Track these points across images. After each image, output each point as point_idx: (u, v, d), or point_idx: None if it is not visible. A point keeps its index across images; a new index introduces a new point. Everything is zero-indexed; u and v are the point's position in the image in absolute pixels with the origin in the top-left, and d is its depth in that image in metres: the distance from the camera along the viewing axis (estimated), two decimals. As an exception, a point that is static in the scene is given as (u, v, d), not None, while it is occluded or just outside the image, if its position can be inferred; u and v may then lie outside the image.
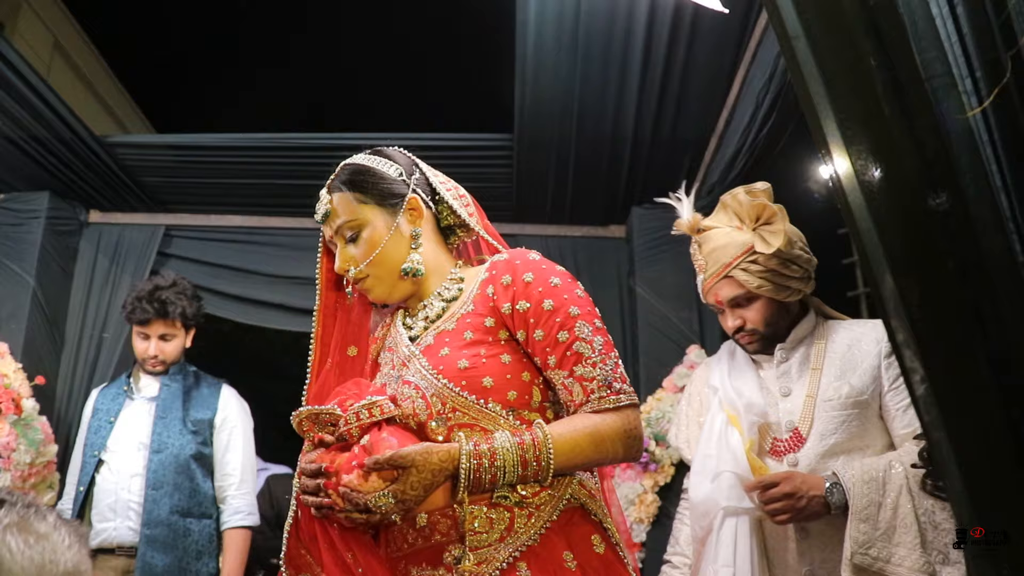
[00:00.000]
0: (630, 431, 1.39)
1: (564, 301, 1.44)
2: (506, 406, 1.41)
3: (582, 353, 1.40)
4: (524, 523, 1.33)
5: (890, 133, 0.77)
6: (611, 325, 3.82)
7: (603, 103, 3.16)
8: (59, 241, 3.84)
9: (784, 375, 2.02)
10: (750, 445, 1.93)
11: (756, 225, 1.95)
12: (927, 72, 0.77)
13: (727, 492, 1.91)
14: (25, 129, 3.33)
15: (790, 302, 2.02)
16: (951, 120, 0.76)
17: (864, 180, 0.77)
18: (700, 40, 2.84)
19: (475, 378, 1.40)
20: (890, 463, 1.81)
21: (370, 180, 1.56)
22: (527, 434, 1.35)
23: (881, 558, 1.74)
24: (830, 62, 0.79)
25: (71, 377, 3.77)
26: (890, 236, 0.75)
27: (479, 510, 1.34)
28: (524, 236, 4.06)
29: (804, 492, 1.80)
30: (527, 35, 2.86)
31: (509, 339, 1.46)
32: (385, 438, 1.35)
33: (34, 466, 3.34)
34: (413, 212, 1.57)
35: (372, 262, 1.53)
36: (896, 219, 0.76)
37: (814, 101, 0.80)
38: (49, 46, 7.41)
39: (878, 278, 0.75)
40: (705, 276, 2.05)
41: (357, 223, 1.54)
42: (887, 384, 1.92)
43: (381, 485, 1.30)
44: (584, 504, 1.40)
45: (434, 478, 1.31)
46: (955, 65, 0.77)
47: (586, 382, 1.40)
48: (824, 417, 1.91)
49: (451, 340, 1.46)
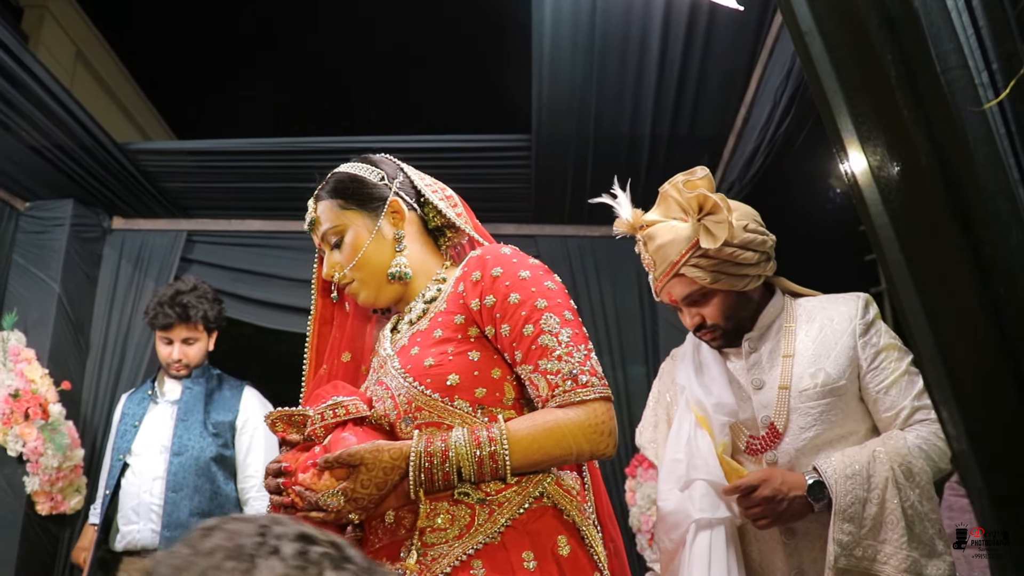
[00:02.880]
0: (596, 425, 1.34)
1: (531, 294, 1.40)
2: (474, 404, 1.38)
3: (547, 346, 1.36)
4: (484, 520, 1.31)
5: (905, 128, 0.76)
6: (631, 325, 3.88)
7: (620, 102, 3.15)
8: (83, 248, 3.88)
9: (755, 366, 1.87)
10: (722, 448, 1.80)
11: (700, 216, 1.77)
12: (942, 65, 0.76)
13: (699, 502, 1.77)
14: (49, 138, 3.37)
15: (750, 289, 1.86)
16: (967, 113, 0.75)
17: (880, 176, 0.76)
18: (717, 38, 2.82)
19: (440, 376, 1.38)
20: (874, 453, 1.68)
21: (351, 186, 1.58)
22: (484, 431, 1.32)
23: (867, 557, 1.62)
24: (843, 57, 0.79)
25: (96, 382, 3.81)
26: (907, 233, 0.74)
27: (441, 506, 1.32)
28: (543, 236, 4.07)
29: (784, 493, 1.68)
30: (543, 35, 2.86)
31: (479, 336, 1.43)
32: (344, 437, 1.35)
33: (61, 470, 3.38)
34: (395, 215, 1.57)
35: (355, 266, 1.54)
36: (913, 215, 0.75)
37: (828, 97, 0.79)
38: (72, 56, 7.50)
39: (895, 275, 0.74)
40: (655, 275, 1.89)
41: (339, 228, 1.56)
42: (865, 364, 1.77)
43: (333, 484, 1.30)
44: (557, 503, 1.35)
45: (386, 476, 1.30)
46: (971, 58, 0.76)
47: (551, 376, 1.36)
48: (801, 409, 1.76)
49: (422, 340, 1.45)
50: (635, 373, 3.82)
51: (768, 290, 1.93)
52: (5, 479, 3.40)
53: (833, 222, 3.39)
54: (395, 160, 1.67)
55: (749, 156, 3.07)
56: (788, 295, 1.94)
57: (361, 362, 1.66)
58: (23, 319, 3.63)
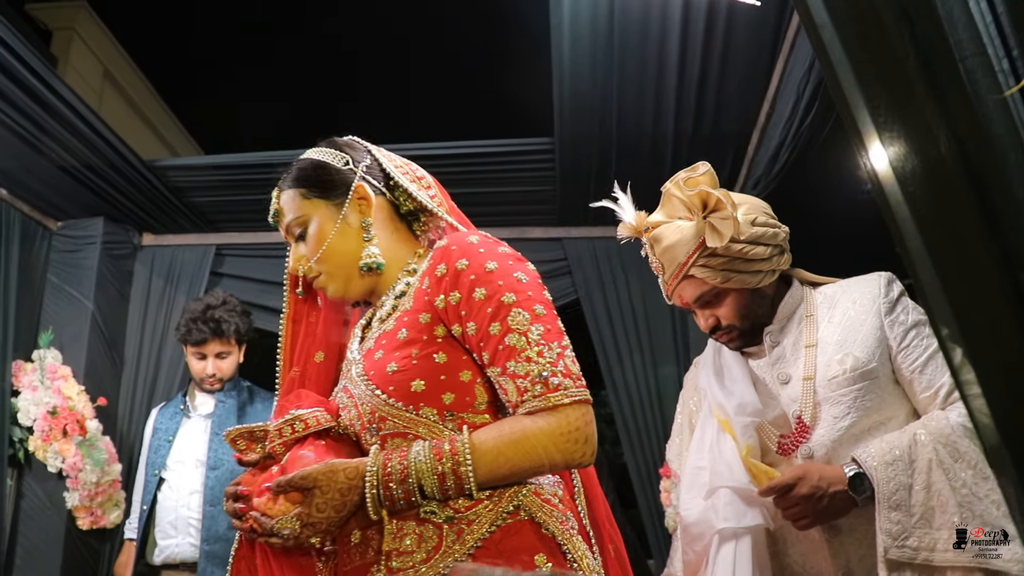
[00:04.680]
0: (569, 433, 1.20)
1: (498, 288, 1.27)
2: (442, 411, 1.27)
3: (514, 346, 1.23)
4: (453, 542, 1.19)
5: (924, 118, 0.74)
6: (661, 325, 3.86)
7: (642, 101, 3.13)
8: (115, 265, 3.93)
9: (779, 360, 1.77)
10: (747, 451, 1.68)
11: (705, 214, 1.70)
12: (960, 53, 0.74)
13: (723, 511, 1.66)
14: (79, 158, 3.42)
15: (765, 285, 1.77)
16: (988, 101, 0.73)
17: (899, 168, 0.74)
18: (736, 33, 2.80)
19: (403, 383, 1.27)
20: (915, 436, 1.56)
21: (314, 173, 1.46)
22: (447, 444, 1.21)
23: (924, 547, 1.50)
24: (858, 48, 0.77)
25: (131, 397, 3.86)
26: (929, 224, 0.73)
27: (408, 526, 1.22)
28: (570, 239, 4.06)
29: (824, 489, 1.56)
30: (562, 37, 2.85)
31: (447, 336, 1.30)
32: (302, 455, 1.27)
33: (100, 485, 3.43)
34: (362, 201, 1.45)
35: (321, 258, 1.43)
36: (934, 206, 0.74)
37: (844, 89, 0.77)
38: (100, 75, 7.62)
39: (918, 268, 0.72)
40: (664, 278, 1.82)
41: (303, 219, 1.45)
42: (895, 344, 1.66)
43: (289, 508, 1.21)
44: (535, 516, 1.24)
45: (343, 498, 1.20)
46: (990, 44, 0.74)
47: (520, 379, 1.22)
48: (832, 398, 1.65)
49: (387, 342, 1.33)
50: (666, 374, 3.79)
51: (785, 283, 1.85)
52: (46, 495, 3.46)
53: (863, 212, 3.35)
54: (363, 142, 1.55)
55: (774, 151, 3.04)
56: (807, 285, 1.86)
57: (337, 361, 1.55)
58: (59, 337, 3.69)
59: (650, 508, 3.64)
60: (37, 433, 3.38)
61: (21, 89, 2.97)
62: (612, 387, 3.85)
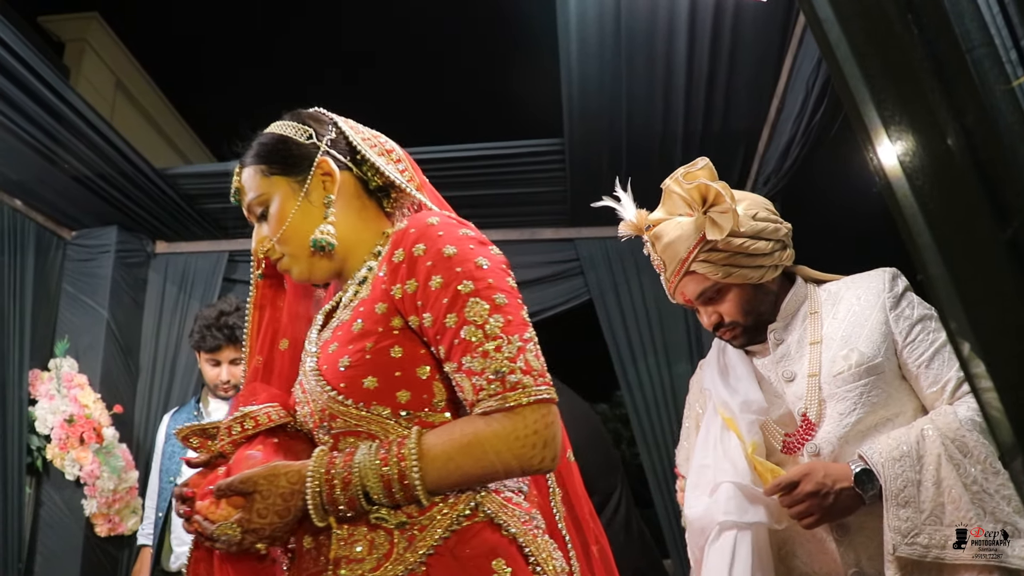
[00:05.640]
0: (526, 437, 1.09)
1: (455, 275, 1.15)
2: (397, 410, 1.17)
3: (470, 340, 1.12)
4: (404, 549, 1.11)
5: (931, 111, 0.73)
6: (674, 324, 3.86)
7: (651, 100, 3.13)
8: (129, 273, 3.96)
9: (784, 358, 1.75)
10: (753, 448, 1.66)
11: (705, 208, 1.68)
12: (966, 44, 0.73)
13: (724, 505, 1.62)
14: (92, 168, 3.45)
15: (767, 281, 1.76)
16: (996, 92, 0.72)
17: (906, 162, 0.73)
18: (744, 30, 2.79)
19: (355, 379, 1.17)
20: (922, 431, 1.53)
21: (275, 148, 1.36)
22: (394, 447, 1.12)
23: (935, 545, 1.46)
24: (862, 41, 0.76)
25: (147, 404, 3.88)
26: (937, 218, 0.72)
27: (359, 531, 1.14)
28: (582, 239, 4.05)
29: (830, 487, 1.53)
30: (570, 38, 2.85)
31: (404, 328, 1.19)
32: (249, 456, 1.20)
33: (117, 492, 3.45)
34: (326, 177, 1.34)
35: (282, 238, 1.33)
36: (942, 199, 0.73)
37: (849, 84, 0.77)
38: (112, 85, 7.68)
39: (927, 262, 0.72)
40: (666, 275, 1.81)
41: (264, 197, 1.35)
42: (900, 339, 1.64)
43: (231, 513, 1.14)
44: (495, 517, 1.15)
45: (286, 503, 1.12)
46: (997, 35, 0.74)
47: (476, 376, 1.12)
48: (838, 394, 1.63)
49: (342, 333, 1.23)
50: (680, 373, 3.78)
51: (788, 280, 1.83)
52: (65, 503, 3.49)
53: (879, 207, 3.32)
54: (329, 114, 1.43)
55: (784, 147, 3.03)
56: (811, 282, 1.84)
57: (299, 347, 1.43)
58: (74, 346, 3.71)
59: (667, 508, 3.63)
60: (54, 441, 3.40)
61: (35, 101, 3.00)
62: (627, 387, 3.84)
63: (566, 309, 3.98)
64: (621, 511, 2.65)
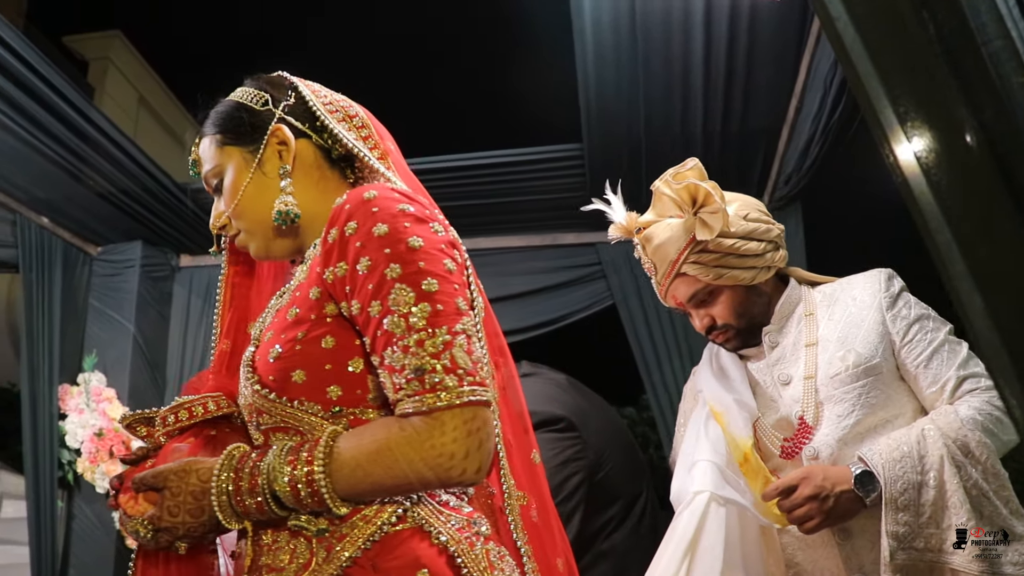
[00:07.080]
0: (443, 445, 0.97)
1: (383, 257, 1.02)
2: (328, 406, 1.06)
3: (392, 332, 1.00)
4: (323, 559, 1.01)
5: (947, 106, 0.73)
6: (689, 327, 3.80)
7: (669, 102, 3.11)
8: (154, 287, 4.00)
9: (779, 361, 1.72)
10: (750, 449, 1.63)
11: (696, 209, 1.64)
12: (982, 37, 0.72)
13: (700, 479, 1.58)
14: (116, 184, 3.49)
15: (760, 283, 1.73)
16: (1013, 85, 0.71)
17: (923, 158, 0.73)
18: (761, 29, 2.77)
19: (284, 372, 1.06)
20: (923, 431, 1.50)
21: (229, 116, 1.26)
22: (304, 450, 1.01)
23: (931, 548, 1.43)
24: (875, 38, 0.76)
25: (175, 417, 3.90)
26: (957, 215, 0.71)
27: (283, 537, 1.05)
28: (603, 243, 4.03)
29: (829, 490, 1.49)
30: (585, 43, 2.85)
31: (337, 315, 1.07)
32: (176, 449, 1.13)
33: (147, 505, 3.48)
34: (282, 147, 1.23)
35: (235, 212, 1.23)
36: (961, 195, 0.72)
37: (863, 82, 0.76)
38: (135, 101, 7.80)
39: (947, 260, 0.71)
40: (657, 278, 1.78)
41: (218, 169, 1.26)
42: (898, 339, 1.62)
43: (147, 509, 1.06)
44: (424, 523, 1.04)
45: (197, 502, 1.03)
46: (1013, 28, 0.73)
47: (396, 373, 1.00)
48: (836, 396, 1.60)
49: (278, 320, 1.12)
50: (704, 374, 3.75)
51: (782, 282, 1.81)
52: (96, 515, 3.53)
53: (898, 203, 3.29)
54: (290, 77, 1.31)
55: (804, 146, 3.00)
56: (805, 284, 1.82)
57: None
58: (102, 360, 3.76)
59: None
60: (84, 455, 3.45)
61: (60, 121, 3.05)
62: (652, 390, 3.82)
63: (590, 313, 3.97)
64: (647, 517, 2.64)
